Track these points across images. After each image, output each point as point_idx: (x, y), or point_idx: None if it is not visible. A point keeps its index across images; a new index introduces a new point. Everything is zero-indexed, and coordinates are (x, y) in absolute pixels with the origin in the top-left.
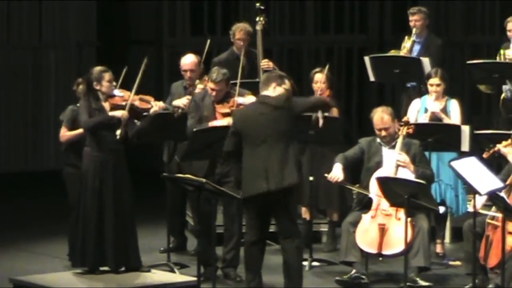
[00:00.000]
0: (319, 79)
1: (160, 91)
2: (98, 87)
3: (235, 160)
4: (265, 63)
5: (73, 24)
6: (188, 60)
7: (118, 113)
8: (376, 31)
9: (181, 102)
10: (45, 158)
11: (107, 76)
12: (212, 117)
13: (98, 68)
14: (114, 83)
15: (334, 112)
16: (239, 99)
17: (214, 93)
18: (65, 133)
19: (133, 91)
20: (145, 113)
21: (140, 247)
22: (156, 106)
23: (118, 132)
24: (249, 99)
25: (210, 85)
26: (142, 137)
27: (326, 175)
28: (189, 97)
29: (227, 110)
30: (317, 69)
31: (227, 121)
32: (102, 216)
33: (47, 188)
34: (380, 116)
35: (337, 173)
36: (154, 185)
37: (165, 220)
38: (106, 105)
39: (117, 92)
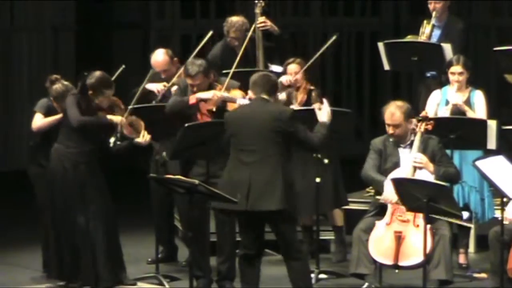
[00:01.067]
0: (293, 70)
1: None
2: (93, 97)
3: None
4: (261, 23)
5: (48, 5)
6: (159, 58)
7: (117, 119)
8: (391, 14)
9: (156, 86)
10: (16, 156)
11: (109, 93)
12: (193, 115)
13: (100, 78)
14: (113, 99)
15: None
16: (224, 94)
17: (194, 90)
18: (39, 120)
19: (126, 113)
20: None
21: (125, 257)
22: (142, 138)
23: (112, 139)
24: (235, 94)
25: (188, 80)
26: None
27: (378, 197)
28: (166, 84)
29: (211, 107)
30: (290, 60)
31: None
32: (76, 222)
33: (18, 190)
34: (391, 111)
35: (392, 195)
36: (140, 186)
37: (153, 226)
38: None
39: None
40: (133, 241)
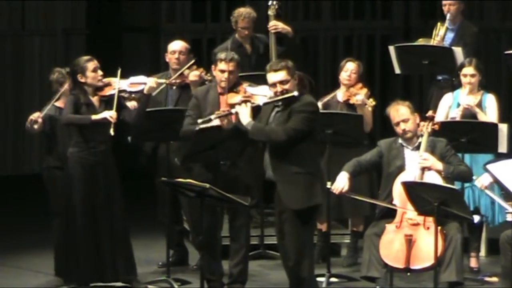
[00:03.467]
0: (352, 68)
1: None
2: (83, 80)
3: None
4: (272, 26)
5: (59, 9)
6: (178, 43)
7: (106, 114)
8: (401, 17)
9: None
10: (28, 160)
11: (91, 65)
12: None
13: (81, 58)
14: (101, 73)
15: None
16: (250, 89)
17: (225, 76)
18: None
19: (118, 76)
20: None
21: (136, 261)
22: (150, 82)
23: (111, 130)
24: (261, 89)
25: (222, 66)
26: (140, 137)
27: (328, 185)
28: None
29: (236, 100)
30: (349, 58)
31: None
32: (93, 224)
33: (29, 194)
34: (396, 108)
35: (340, 183)
36: (150, 189)
37: (163, 230)
38: (95, 100)
39: (104, 82)
40: (144, 245)
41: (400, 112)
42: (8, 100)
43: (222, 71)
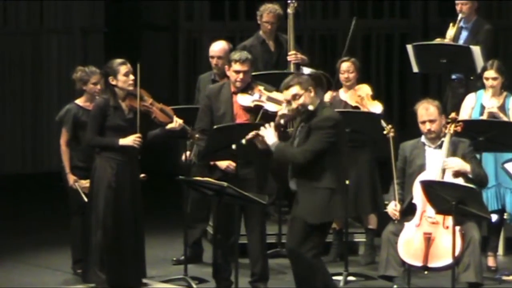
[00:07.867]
0: (346, 69)
1: (175, 82)
2: (114, 82)
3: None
4: (292, 55)
5: (77, 7)
6: (217, 47)
7: (129, 141)
8: (420, 15)
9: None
10: (46, 158)
11: (123, 69)
12: (229, 113)
13: (114, 61)
14: (132, 77)
15: (378, 107)
16: (264, 94)
17: (240, 77)
18: (64, 147)
19: (138, 72)
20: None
21: (153, 259)
22: (175, 123)
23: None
24: (275, 94)
25: (236, 67)
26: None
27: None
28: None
29: (247, 103)
30: (344, 58)
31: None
32: (119, 224)
33: (47, 192)
34: (425, 106)
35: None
36: (171, 188)
37: (181, 228)
38: (124, 105)
39: (136, 91)
40: (162, 243)
41: (429, 112)
42: (26, 98)
43: (237, 72)
